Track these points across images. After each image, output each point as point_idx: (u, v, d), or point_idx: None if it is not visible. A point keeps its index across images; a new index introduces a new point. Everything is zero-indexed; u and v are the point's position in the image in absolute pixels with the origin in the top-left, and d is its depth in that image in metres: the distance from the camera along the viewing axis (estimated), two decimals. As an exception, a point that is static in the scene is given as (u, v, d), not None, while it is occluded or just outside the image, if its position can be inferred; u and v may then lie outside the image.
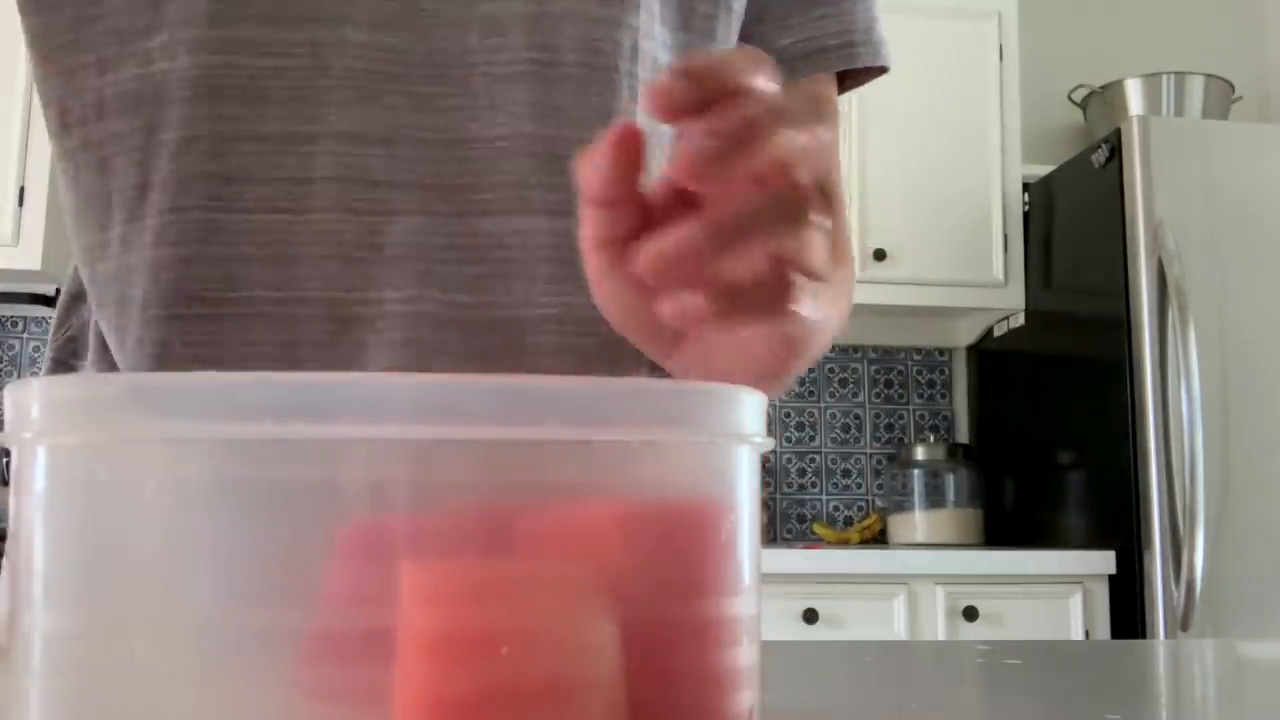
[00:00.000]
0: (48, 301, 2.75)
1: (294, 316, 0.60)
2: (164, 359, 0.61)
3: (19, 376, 2.84)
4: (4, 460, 2.61)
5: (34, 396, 0.23)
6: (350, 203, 0.61)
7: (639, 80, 0.66)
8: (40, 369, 2.85)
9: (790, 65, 0.72)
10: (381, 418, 0.22)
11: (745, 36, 0.72)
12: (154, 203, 0.61)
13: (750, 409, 0.26)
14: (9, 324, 2.90)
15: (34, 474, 0.23)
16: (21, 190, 2.59)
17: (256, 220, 0.60)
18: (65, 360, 0.73)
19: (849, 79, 0.77)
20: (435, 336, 0.61)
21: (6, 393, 0.24)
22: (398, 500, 0.23)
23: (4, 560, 0.23)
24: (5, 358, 2.88)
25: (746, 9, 0.72)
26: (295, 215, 0.60)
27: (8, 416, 0.24)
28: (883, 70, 0.77)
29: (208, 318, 0.60)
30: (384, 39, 0.61)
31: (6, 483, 2.63)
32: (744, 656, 0.26)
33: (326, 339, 0.60)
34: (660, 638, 0.24)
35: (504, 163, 0.62)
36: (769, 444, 0.28)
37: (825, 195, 0.41)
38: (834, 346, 3.06)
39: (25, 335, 2.90)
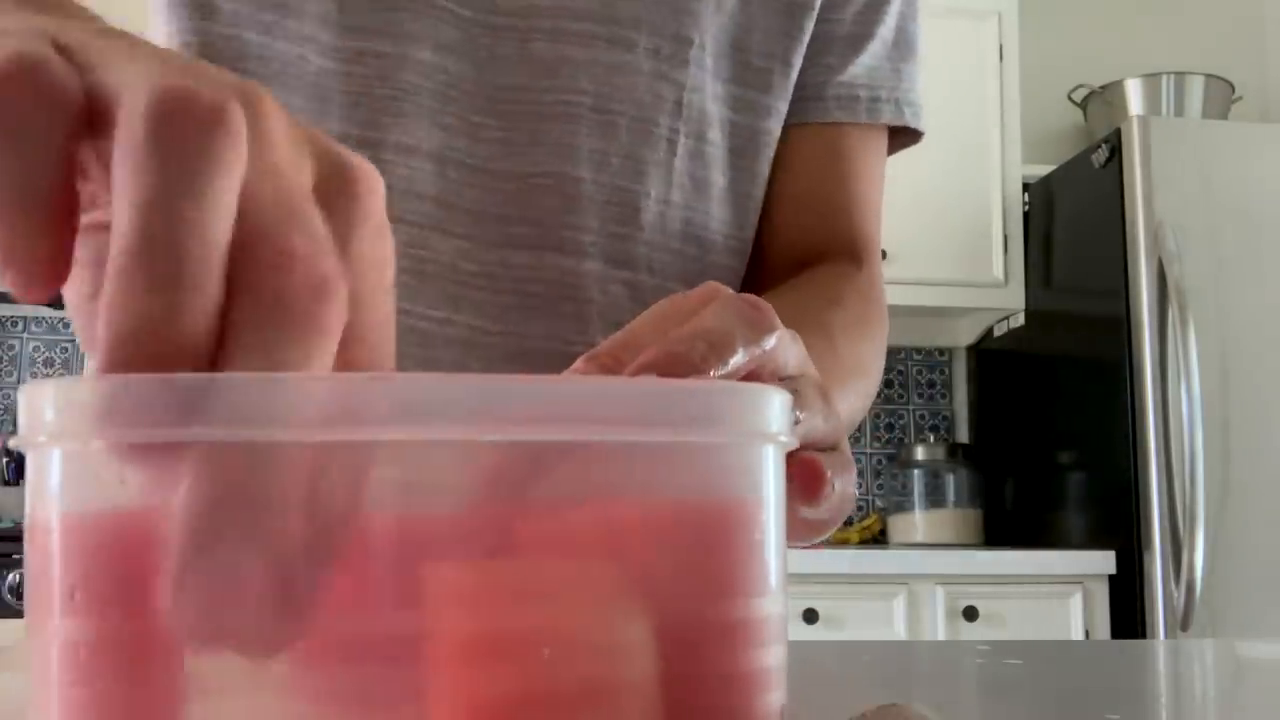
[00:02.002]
0: (48, 302, 2.75)
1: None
2: None
3: (19, 376, 2.85)
4: (4, 460, 2.61)
5: (51, 398, 0.24)
6: (399, 212, 0.62)
7: (680, 135, 0.67)
8: (39, 368, 2.83)
9: (822, 105, 0.72)
10: (417, 417, 0.22)
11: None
12: None
13: (776, 408, 0.27)
14: (9, 324, 2.90)
15: (52, 477, 0.24)
16: (22, 190, 2.59)
17: None
18: None
19: (891, 139, 0.77)
20: (458, 359, 0.62)
21: (22, 394, 0.25)
22: (430, 501, 0.23)
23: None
24: (5, 358, 2.88)
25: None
26: None
27: (22, 418, 0.25)
28: (915, 135, 0.77)
29: None
30: (443, 61, 0.62)
31: (8, 483, 2.63)
32: (774, 656, 0.26)
33: None
34: (693, 639, 0.24)
35: (539, 199, 0.64)
36: (794, 442, 0.28)
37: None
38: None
39: (25, 335, 2.90)
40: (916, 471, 2.84)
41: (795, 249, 0.73)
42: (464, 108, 0.63)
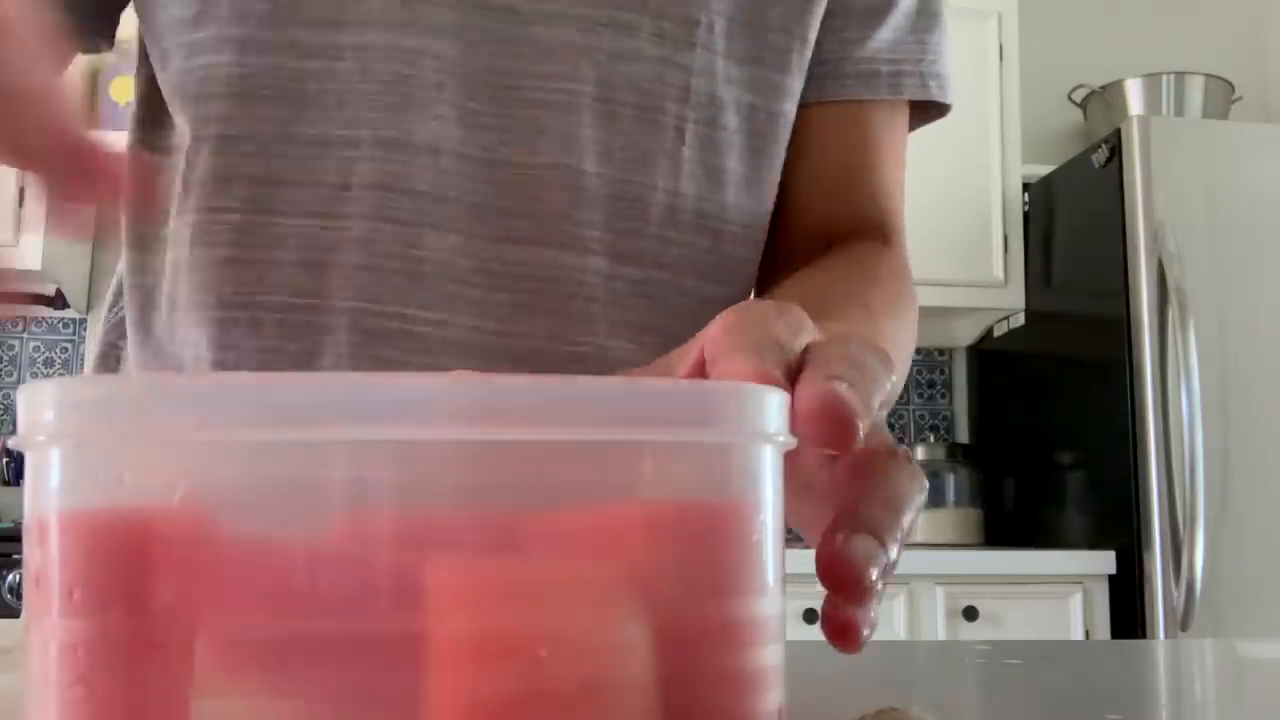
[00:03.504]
0: (48, 301, 2.75)
1: (319, 325, 0.59)
2: (186, 359, 0.61)
3: (19, 376, 2.85)
4: (4, 460, 2.61)
5: (50, 398, 0.24)
6: (388, 211, 0.60)
7: (689, 122, 0.64)
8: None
9: (842, 82, 0.69)
10: (413, 417, 0.22)
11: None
12: (192, 202, 0.61)
13: (774, 408, 0.27)
14: (9, 324, 2.89)
15: (51, 477, 0.24)
16: (21, 190, 2.59)
17: (291, 225, 0.60)
18: (114, 342, 0.74)
19: (915, 112, 0.73)
20: (455, 361, 0.60)
21: (21, 394, 0.25)
22: (427, 501, 0.23)
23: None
24: (5, 358, 2.88)
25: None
26: (330, 221, 0.60)
27: (22, 418, 0.25)
28: (943, 108, 0.73)
29: (233, 321, 0.60)
30: (434, 45, 0.60)
31: (8, 483, 2.63)
32: (772, 656, 0.26)
33: (348, 350, 0.59)
34: (692, 638, 0.24)
35: (539, 192, 0.61)
36: (792, 442, 0.28)
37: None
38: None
39: (25, 335, 2.90)
40: (916, 471, 2.84)
41: (820, 231, 0.70)
42: (457, 94, 0.60)
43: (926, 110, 0.74)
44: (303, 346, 0.60)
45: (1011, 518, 2.85)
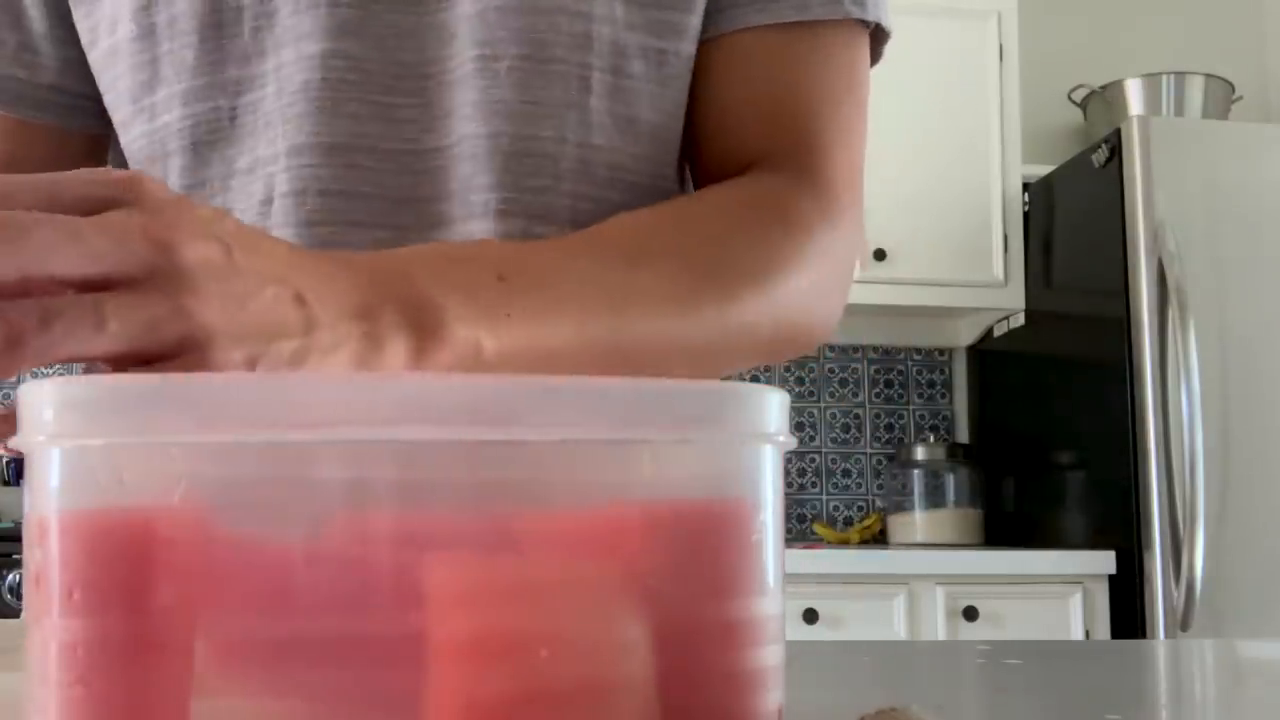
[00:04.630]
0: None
1: None
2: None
3: (19, 376, 2.84)
4: (4, 460, 2.61)
5: (50, 398, 0.24)
6: (307, 214, 0.60)
7: (594, 69, 0.62)
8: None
9: (742, 12, 0.64)
10: (411, 418, 0.22)
11: None
12: None
13: (774, 408, 0.27)
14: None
15: (51, 477, 0.24)
16: (22, 190, 2.59)
17: None
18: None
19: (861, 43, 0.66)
20: None
21: (21, 394, 0.25)
22: (427, 502, 0.23)
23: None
24: (6, 358, 2.88)
25: None
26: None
27: (21, 418, 0.25)
28: (881, 33, 0.67)
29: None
30: (341, 46, 0.60)
31: (8, 483, 2.63)
32: (772, 656, 0.26)
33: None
34: (691, 638, 0.24)
35: (455, 168, 0.61)
36: (792, 443, 0.28)
37: None
38: (833, 346, 3.08)
39: (26, 335, 2.89)
40: (916, 471, 2.84)
41: (728, 162, 0.65)
42: (369, 90, 0.60)
43: (872, 42, 0.68)
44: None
45: (1011, 518, 2.85)
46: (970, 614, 2.33)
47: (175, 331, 0.35)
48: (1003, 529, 2.85)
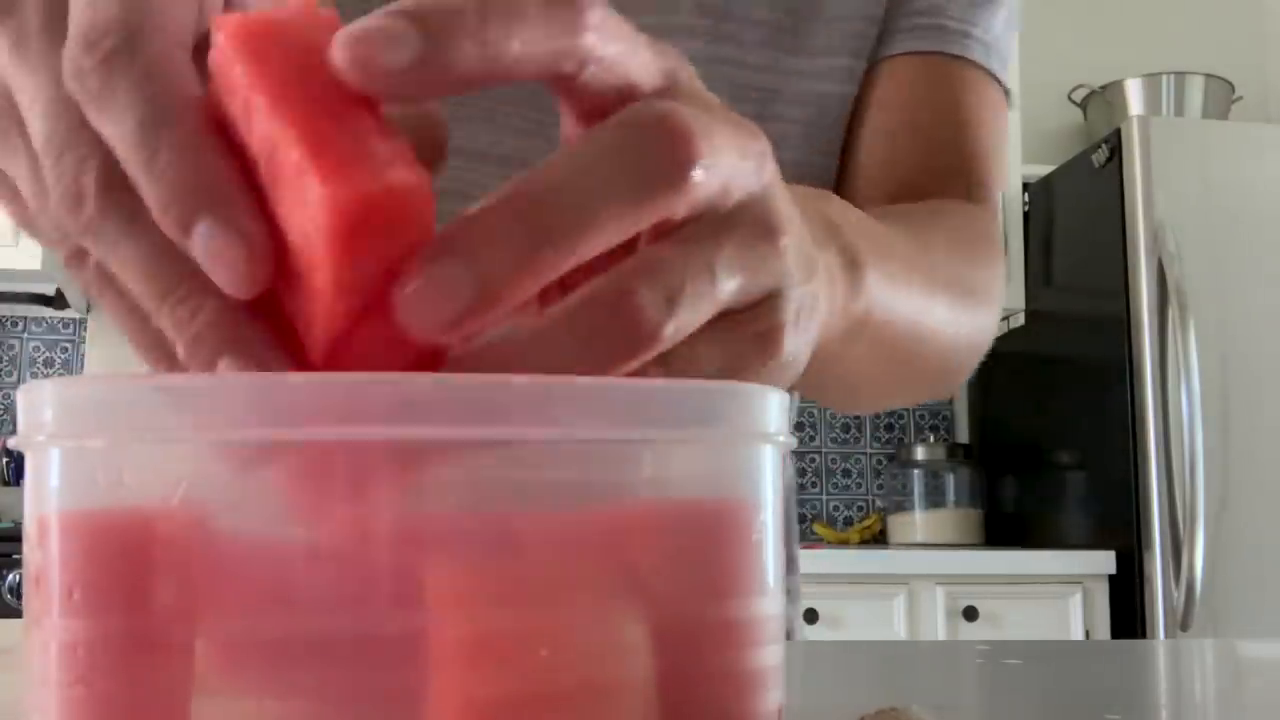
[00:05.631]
0: (48, 301, 2.75)
1: None
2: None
3: (19, 376, 2.84)
4: (4, 460, 2.61)
5: (49, 398, 0.24)
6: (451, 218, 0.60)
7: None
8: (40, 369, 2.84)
9: (911, 37, 0.65)
10: (408, 418, 0.22)
11: None
12: None
13: (774, 407, 0.27)
14: (9, 324, 2.90)
15: (51, 477, 0.24)
16: (22, 190, 2.59)
17: None
18: None
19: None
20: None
21: (21, 394, 0.25)
22: (425, 501, 0.23)
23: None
24: (5, 358, 2.88)
25: None
26: None
27: (21, 418, 0.25)
28: (985, 72, 0.67)
29: None
30: None
31: (8, 483, 2.63)
32: (772, 656, 0.26)
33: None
34: (692, 638, 0.24)
35: None
36: (792, 442, 0.28)
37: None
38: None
39: (25, 335, 2.90)
40: (916, 471, 2.84)
41: (889, 186, 0.65)
42: (520, 105, 0.61)
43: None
44: None
45: (1011, 518, 2.85)
46: (970, 614, 2.33)
47: (768, 283, 0.28)
48: (1003, 529, 2.85)
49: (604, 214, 0.25)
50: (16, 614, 2.03)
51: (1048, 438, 2.72)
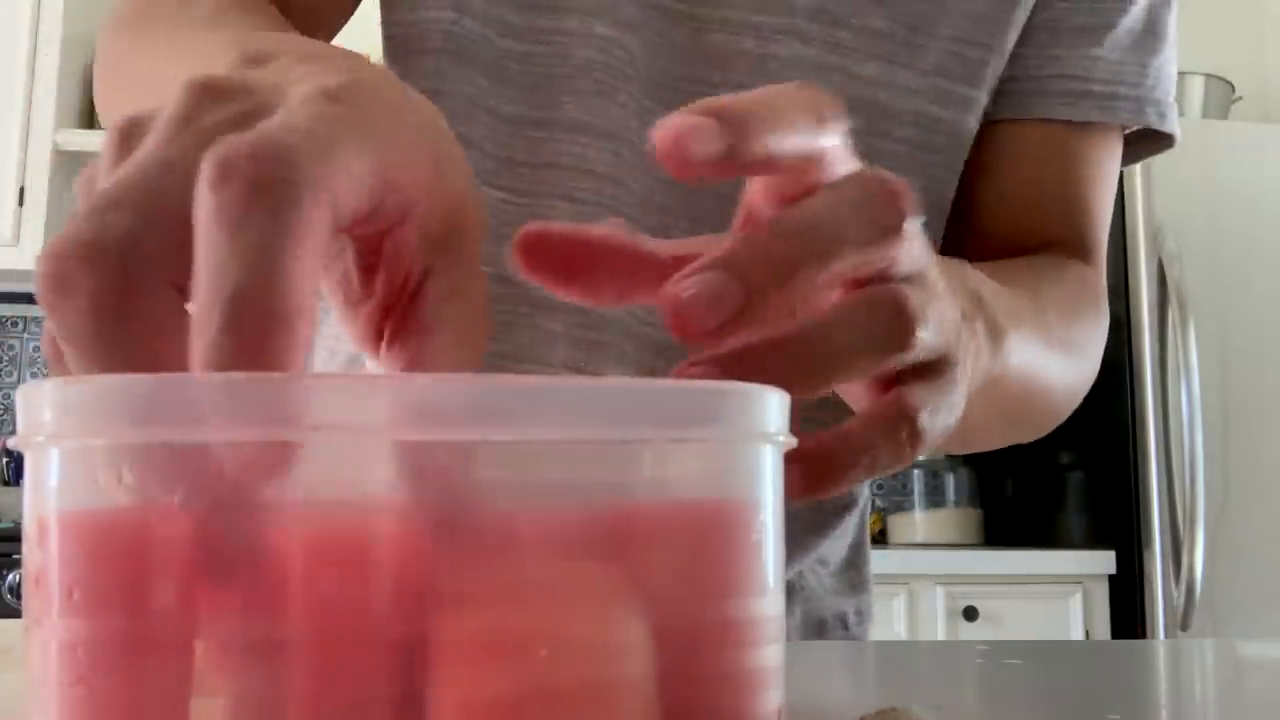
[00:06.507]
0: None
1: (491, 295, 0.60)
2: None
3: (19, 376, 2.85)
4: (4, 460, 2.61)
5: (49, 398, 0.24)
6: (570, 190, 0.61)
7: (857, 134, 0.62)
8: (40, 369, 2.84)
9: (1045, 99, 0.65)
10: (412, 418, 0.22)
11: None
12: None
13: (775, 407, 0.27)
14: (9, 324, 2.90)
15: (50, 477, 0.24)
16: (21, 190, 2.59)
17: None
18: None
19: (1131, 145, 0.69)
20: (618, 344, 0.61)
21: (20, 394, 0.25)
22: (428, 502, 0.23)
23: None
24: (5, 358, 2.88)
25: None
26: (513, 195, 0.61)
27: (21, 418, 0.25)
28: (1167, 140, 0.69)
29: None
30: (624, 38, 0.61)
31: (8, 483, 2.63)
32: (772, 656, 0.26)
33: (508, 319, 0.61)
34: (692, 638, 0.24)
35: (698, 198, 0.61)
36: (792, 442, 0.28)
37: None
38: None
39: (25, 335, 2.90)
40: (916, 471, 2.84)
41: (1006, 249, 0.65)
42: (634, 87, 0.61)
43: (1150, 140, 0.70)
44: None
45: (1011, 518, 2.85)
46: (970, 614, 2.33)
47: (935, 349, 0.33)
48: (1003, 529, 2.85)
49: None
50: (16, 614, 2.03)
51: (1047, 437, 2.71)
